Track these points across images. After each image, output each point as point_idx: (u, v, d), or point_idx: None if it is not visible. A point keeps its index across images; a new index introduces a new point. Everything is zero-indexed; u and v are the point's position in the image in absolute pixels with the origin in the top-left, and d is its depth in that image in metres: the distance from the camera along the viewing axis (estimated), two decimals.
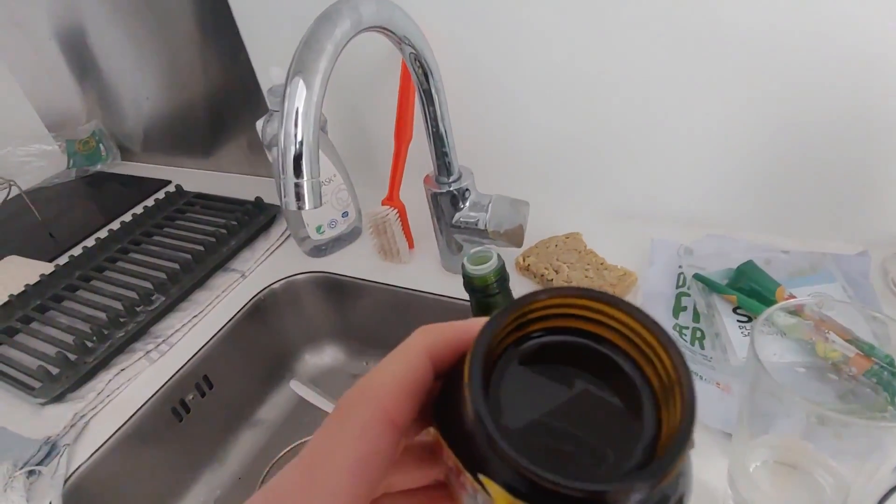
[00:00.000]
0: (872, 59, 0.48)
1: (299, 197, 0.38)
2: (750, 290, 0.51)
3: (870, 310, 0.50)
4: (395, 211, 0.66)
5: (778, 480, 0.36)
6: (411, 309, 0.67)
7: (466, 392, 0.14)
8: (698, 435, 0.44)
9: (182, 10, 0.82)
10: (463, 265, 0.40)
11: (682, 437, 0.13)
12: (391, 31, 0.46)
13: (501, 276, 0.40)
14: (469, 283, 0.40)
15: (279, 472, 0.15)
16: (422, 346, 0.16)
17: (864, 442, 0.34)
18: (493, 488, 0.13)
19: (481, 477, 0.14)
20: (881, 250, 0.55)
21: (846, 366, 0.41)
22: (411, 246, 0.70)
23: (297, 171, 0.37)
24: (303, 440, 0.69)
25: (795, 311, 0.40)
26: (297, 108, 0.37)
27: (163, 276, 0.69)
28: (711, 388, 0.45)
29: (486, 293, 0.40)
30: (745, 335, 0.49)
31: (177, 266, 0.71)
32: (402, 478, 0.18)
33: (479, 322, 0.15)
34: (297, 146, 0.37)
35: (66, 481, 0.52)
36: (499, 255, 0.40)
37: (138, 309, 0.66)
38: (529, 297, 0.15)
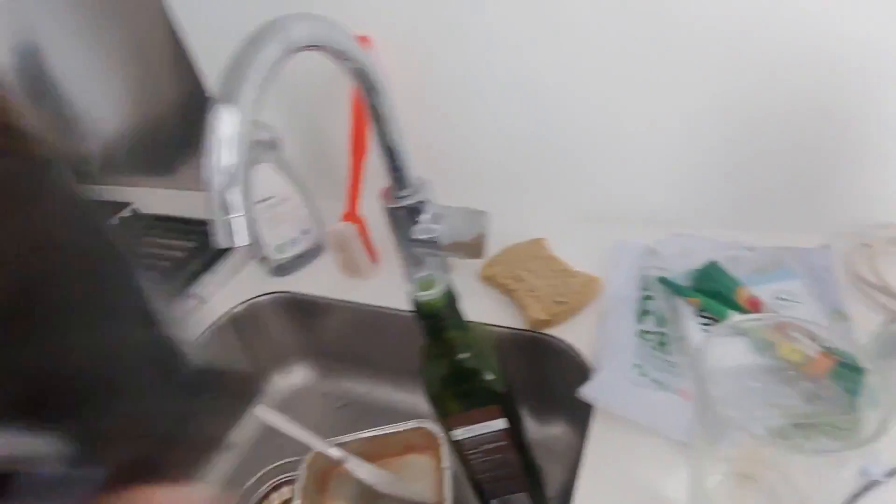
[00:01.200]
0: (829, 52, 0.48)
1: (231, 234, 0.36)
2: (713, 291, 0.51)
3: (835, 305, 0.50)
4: (355, 227, 0.64)
5: (736, 497, 0.35)
6: (378, 325, 0.65)
7: None
8: (663, 446, 0.43)
9: (133, 30, 0.79)
10: (410, 291, 0.39)
11: None
12: (328, 49, 0.44)
13: (450, 299, 0.39)
14: (418, 309, 0.39)
15: None
16: None
17: (821, 453, 0.33)
18: None
19: None
20: (844, 241, 0.55)
21: (806, 367, 0.41)
22: (375, 260, 0.69)
23: (227, 207, 0.35)
24: (276, 464, 0.67)
25: (739, 329, 0.39)
26: (222, 140, 0.35)
27: None
28: (673, 397, 0.44)
29: (436, 318, 0.39)
30: None
31: None
32: None
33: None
34: (225, 181, 0.35)
35: None
36: (446, 278, 0.38)
37: None
38: None
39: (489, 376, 0.41)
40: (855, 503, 0.37)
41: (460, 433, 0.43)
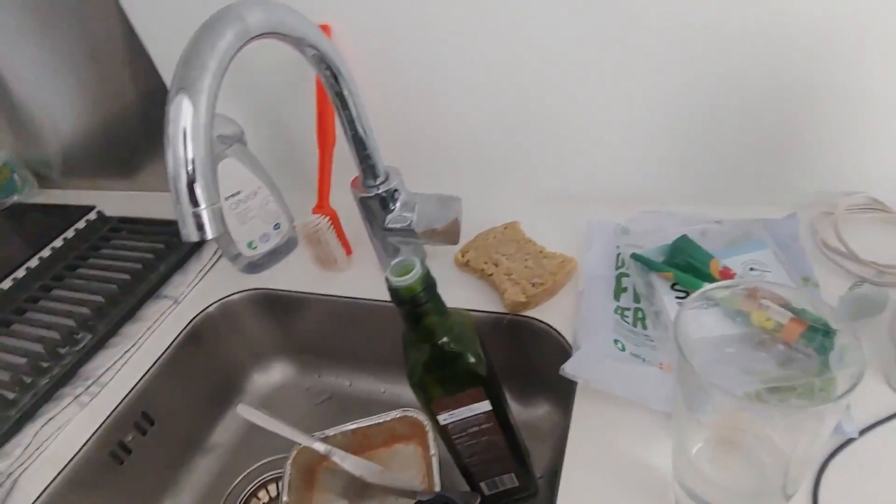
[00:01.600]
0: (790, 26, 0.48)
1: (200, 227, 0.35)
2: (686, 264, 0.51)
3: (804, 272, 0.51)
4: (327, 219, 0.63)
5: (719, 462, 0.36)
6: (355, 317, 0.65)
7: None
8: (646, 418, 0.43)
9: (86, 28, 0.76)
10: (386, 278, 0.38)
11: None
12: (286, 36, 0.43)
13: (428, 283, 0.38)
14: (395, 295, 0.38)
15: None
16: None
17: (795, 415, 0.34)
18: None
19: None
20: (809, 210, 0.56)
21: (779, 333, 0.42)
22: (349, 252, 0.68)
23: (193, 199, 0.34)
24: (259, 463, 0.66)
25: (709, 298, 0.40)
26: (185, 130, 0.34)
27: (87, 311, 0.65)
28: (653, 370, 0.45)
29: (414, 304, 0.39)
30: None
31: (102, 299, 0.67)
32: None
33: None
34: (190, 172, 0.34)
35: None
36: (422, 263, 0.38)
37: (62, 350, 0.62)
38: None
39: (471, 359, 0.40)
40: (832, 460, 0.39)
41: (446, 418, 0.43)
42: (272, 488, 0.64)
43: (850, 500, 0.37)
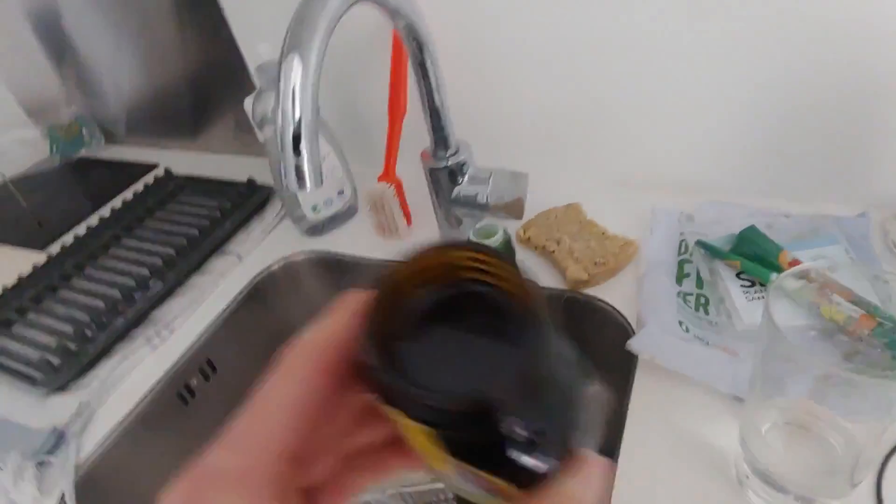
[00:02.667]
0: (874, 19, 0.48)
1: (300, 178, 0.37)
2: (753, 255, 0.51)
3: (874, 270, 0.51)
4: (392, 187, 0.65)
5: (790, 441, 0.37)
6: None
7: (361, 339, 0.16)
8: (709, 399, 0.44)
9: None
10: (468, 240, 0.39)
11: (534, 345, 0.15)
12: (384, 4, 0.44)
13: (508, 249, 0.40)
14: None
15: (234, 421, 0.18)
16: (350, 307, 0.18)
17: (872, 400, 0.34)
18: (392, 413, 0.15)
19: (387, 408, 0.16)
20: (881, 211, 0.56)
21: (850, 326, 0.42)
22: (409, 222, 0.70)
23: (297, 151, 0.36)
24: None
25: (801, 275, 0.41)
26: (294, 87, 0.36)
27: (158, 261, 0.68)
28: (718, 352, 0.46)
29: None
30: (750, 300, 0.49)
31: (172, 251, 0.70)
32: (368, 434, 0.20)
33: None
34: (296, 125, 0.36)
35: (76, 471, 0.51)
36: (505, 229, 0.39)
37: (136, 295, 0.65)
38: (397, 268, 0.18)
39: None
40: None
41: None
42: None
43: None
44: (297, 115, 0.36)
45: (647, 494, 0.40)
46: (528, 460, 0.14)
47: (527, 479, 0.15)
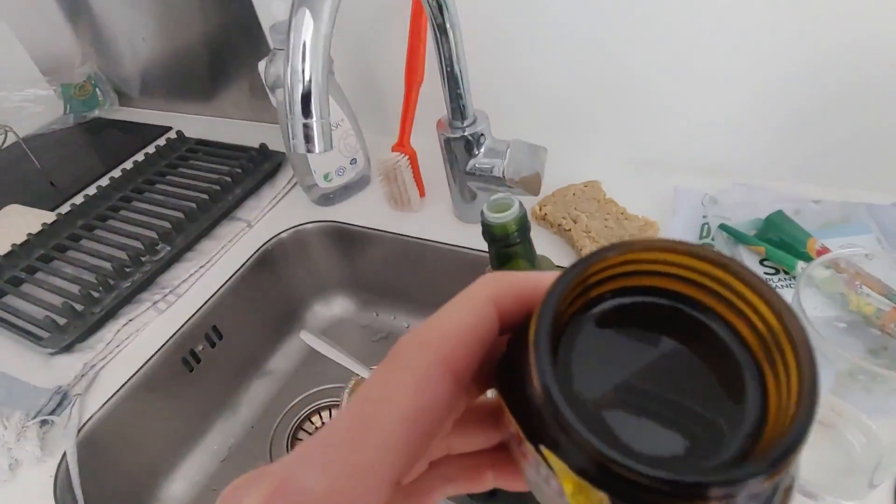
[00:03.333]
0: None
1: (308, 139, 0.35)
2: (779, 241, 0.49)
3: None
4: (406, 157, 0.63)
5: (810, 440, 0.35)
6: (423, 260, 0.65)
7: (532, 354, 0.12)
8: None
9: None
10: (482, 213, 0.38)
11: (802, 422, 0.11)
12: None
13: (523, 224, 0.38)
14: (488, 231, 0.38)
15: (328, 423, 0.14)
16: (489, 294, 0.14)
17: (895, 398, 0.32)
18: (557, 465, 0.11)
19: (544, 450, 0.12)
20: None
21: (880, 319, 0.40)
22: (423, 194, 0.68)
23: (306, 110, 0.34)
24: (314, 390, 0.69)
25: (831, 264, 0.39)
26: (305, 42, 0.34)
27: (167, 225, 0.67)
28: None
29: (506, 243, 0.38)
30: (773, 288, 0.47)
31: (181, 215, 0.69)
32: (463, 440, 0.17)
33: (553, 275, 0.13)
34: (306, 84, 0.34)
35: (79, 431, 0.51)
36: (520, 203, 0.37)
37: (144, 259, 0.64)
38: (607, 250, 0.13)
39: None
40: None
41: None
42: (326, 414, 0.66)
43: None
44: (308, 74, 0.34)
45: None
46: None
47: None
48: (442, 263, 0.64)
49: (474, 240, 0.59)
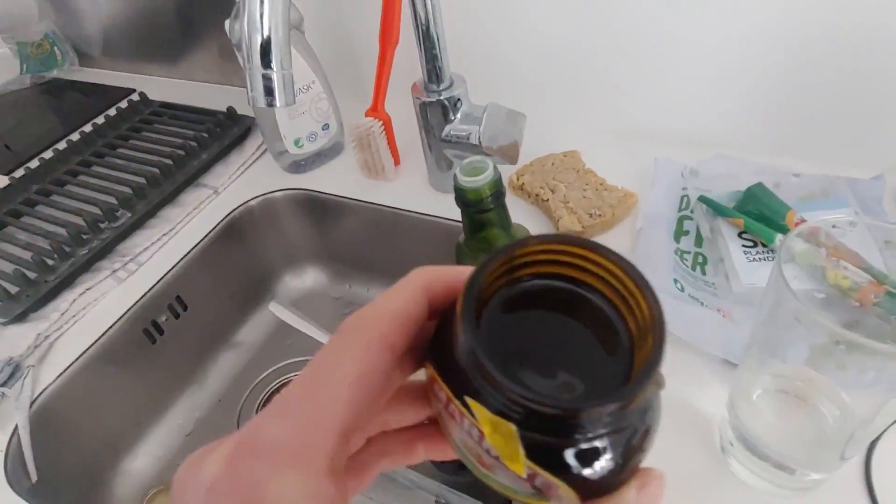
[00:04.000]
0: None
1: (269, 91, 0.33)
2: (758, 214, 0.48)
3: (886, 236, 0.48)
4: (380, 123, 0.60)
5: (780, 409, 0.35)
6: (397, 229, 0.63)
7: (459, 323, 0.14)
8: (698, 362, 0.41)
9: None
10: (455, 176, 0.36)
11: (648, 370, 0.14)
12: None
13: (497, 189, 0.36)
14: (461, 196, 0.36)
15: (286, 388, 0.16)
16: (420, 283, 0.17)
17: (870, 374, 0.32)
18: (479, 410, 0.14)
19: (467, 400, 0.14)
20: (894, 175, 0.52)
21: (856, 293, 0.39)
22: (397, 162, 0.65)
23: (266, 61, 0.32)
24: (285, 363, 0.67)
25: (809, 237, 0.38)
26: None
27: (128, 190, 0.64)
28: (713, 314, 0.43)
29: (479, 208, 0.36)
30: (751, 260, 0.46)
31: (143, 180, 0.65)
32: (397, 416, 0.19)
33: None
34: (265, 32, 0.32)
35: (31, 403, 0.49)
36: (495, 167, 0.36)
37: (102, 225, 0.61)
38: (518, 244, 0.16)
39: None
40: (893, 426, 0.37)
41: None
42: None
43: None
44: (267, 22, 0.32)
45: None
46: (599, 469, 0.14)
47: (590, 488, 0.15)
48: (416, 233, 0.62)
49: (450, 209, 0.57)
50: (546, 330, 0.16)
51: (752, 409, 0.34)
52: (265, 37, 0.31)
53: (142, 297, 0.57)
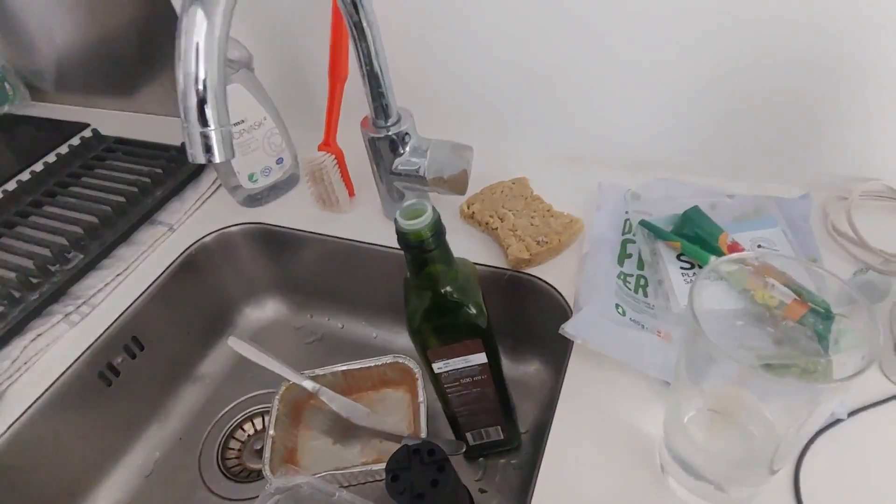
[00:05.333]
0: (820, 5, 0.46)
1: (208, 149, 0.33)
2: (694, 235, 0.51)
3: (810, 254, 0.51)
4: (332, 157, 0.62)
5: (711, 429, 0.37)
6: (354, 260, 0.64)
7: None
8: (640, 384, 0.43)
9: None
10: (396, 220, 0.37)
11: None
12: None
13: (437, 230, 0.37)
14: (403, 239, 0.37)
15: None
16: None
17: (796, 394, 0.34)
18: None
19: None
20: (822, 193, 0.55)
21: (782, 311, 0.42)
22: (352, 193, 0.67)
23: (203, 118, 0.33)
24: (246, 396, 0.67)
25: (738, 262, 0.40)
26: (198, 45, 0.32)
27: (79, 231, 0.64)
28: (652, 337, 0.45)
29: (421, 249, 0.38)
30: (688, 282, 0.48)
31: (95, 220, 0.65)
32: None
33: None
34: (201, 90, 0.32)
35: None
36: (433, 208, 0.37)
37: (52, 268, 0.61)
38: None
39: (472, 310, 0.40)
40: (818, 438, 0.39)
41: (441, 366, 0.43)
42: (258, 422, 0.65)
43: (831, 479, 0.37)
44: (203, 77, 0.33)
45: (572, 477, 0.40)
46: None
47: None
48: (373, 263, 0.63)
49: None
50: None
51: (682, 431, 0.36)
52: (201, 95, 0.32)
53: (96, 340, 0.57)
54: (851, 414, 0.40)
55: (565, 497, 0.39)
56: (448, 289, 0.40)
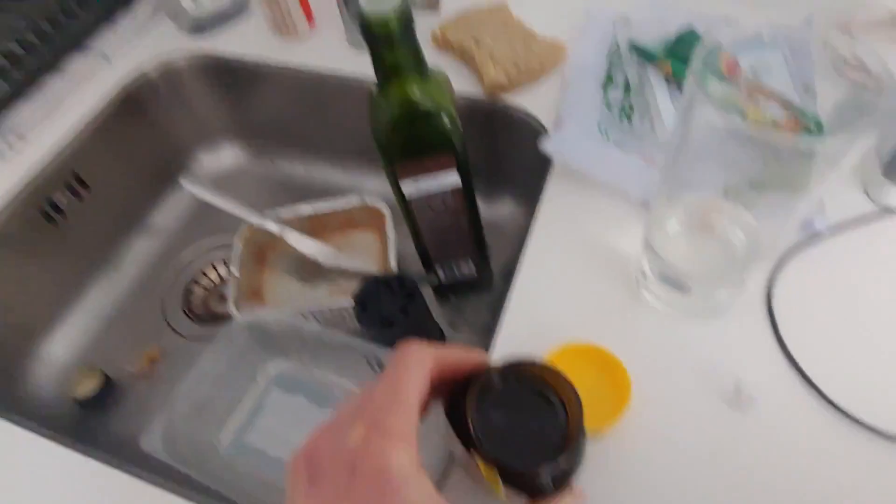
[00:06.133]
0: None
1: None
2: (687, 58, 0.47)
3: (806, 80, 0.48)
4: None
5: (693, 240, 0.35)
6: (316, 94, 0.58)
7: (469, 419, 0.23)
8: (618, 205, 0.41)
9: None
10: (359, 8, 0.32)
11: (572, 445, 0.23)
12: None
13: (406, 20, 0.33)
14: (367, 30, 0.32)
15: (370, 385, 0.23)
16: (428, 370, 0.23)
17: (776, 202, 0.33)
18: (476, 457, 0.23)
19: (472, 450, 0.23)
20: (824, 18, 0.51)
21: (775, 129, 0.39)
22: (311, 20, 0.59)
23: None
24: (205, 246, 0.63)
25: (729, 77, 0.37)
26: None
27: (0, 58, 0.56)
28: (635, 159, 0.43)
29: (389, 43, 0.33)
30: (678, 109, 0.45)
31: (15, 45, 0.57)
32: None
33: (470, 357, 0.24)
34: None
35: None
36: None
37: None
38: (512, 365, 0.24)
39: (445, 120, 0.36)
40: (799, 252, 0.39)
41: (411, 189, 0.40)
42: (223, 271, 0.62)
43: (803, 291, 0.37)
44: None
45: (546, 293, 0.39)
46: (547, 488, 0.24)
47: (541, 497, 0.24)
48: (340, 97, 0.58)
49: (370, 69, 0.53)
50: (520, 414, 0.24)
51: (666, 241, 0.34)
52: None
53: (34, 176, 0.52)
54: (832, 231, 0.39)
55: (538, 314, 0.38)
56: (418, 94, 0.36)
